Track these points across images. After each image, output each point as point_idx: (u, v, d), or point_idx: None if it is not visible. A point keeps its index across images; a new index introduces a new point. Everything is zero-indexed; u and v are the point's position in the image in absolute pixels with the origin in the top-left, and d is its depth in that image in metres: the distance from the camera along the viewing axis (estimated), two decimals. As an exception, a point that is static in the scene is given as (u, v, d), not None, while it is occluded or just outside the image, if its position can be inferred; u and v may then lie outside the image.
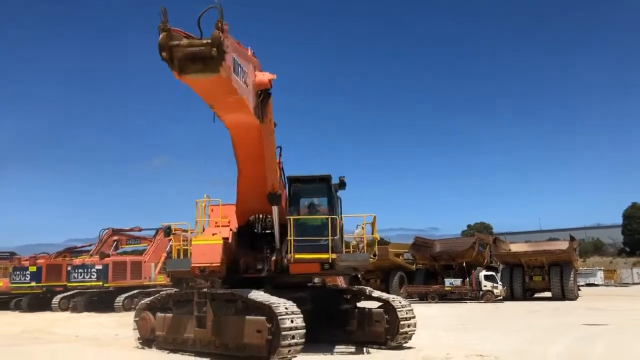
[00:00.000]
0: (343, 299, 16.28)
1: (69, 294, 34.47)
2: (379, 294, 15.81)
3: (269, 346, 12.11)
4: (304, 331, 12.24)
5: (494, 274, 37.69)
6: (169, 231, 16.00)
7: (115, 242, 39.63)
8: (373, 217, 15.01)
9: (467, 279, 37.02)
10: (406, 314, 14.58)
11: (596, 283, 62.93)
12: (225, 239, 14.82)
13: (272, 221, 14.44)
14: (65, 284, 35.22)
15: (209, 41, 8.91)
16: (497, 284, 36.50)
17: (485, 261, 40.65)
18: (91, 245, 41.09)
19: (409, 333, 14.65)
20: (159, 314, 15.26)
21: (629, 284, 64.31)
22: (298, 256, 13.86)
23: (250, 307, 12.88)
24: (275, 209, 14.00)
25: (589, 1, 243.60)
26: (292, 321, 12.11)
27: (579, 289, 41.30)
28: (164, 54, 9.06)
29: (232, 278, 14.54)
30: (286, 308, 12.30)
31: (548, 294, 37.61)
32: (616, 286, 61.46)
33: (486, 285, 36.15)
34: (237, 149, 13.46)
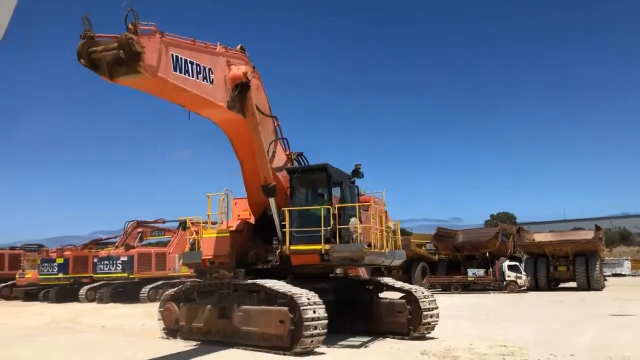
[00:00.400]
0: (365, 289, 16.29)
1: (95, 285, 35.03)
2: (401, 284, 15.80)
3: (292, 336, 12.21)
4: (326, 322, 12.30)
5: (517, 264, 37.31)
6: (185, 225, 16.48)
7: (140, 234, 40.11)
8: (382, 210, 15.11)
9: (491, 269, 36.72)
10: (429, 304, 14.54)
11: (623, 273, 62.04)
12: (237, 231, 15.07)
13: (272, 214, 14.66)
14: (91, 275, 35.78)
15: (116, 44, 9.27)
16: (520, 274, 36.16)
17: (509, 251, 40.25)
18: (116, 237, 41.67)
19: (432, 324, 14.62)
20: (183, 305, 15.46)
21: (656, 274, 63.28)
22: (293, 247, 13.98)
23: (272, 297, 12.99)
24: (272, 201, 14.30)
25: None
26: (314, 312, 12.17)
27: (605, 279, 40.75)
28: (82, 61, 9.50)
29: (248, 270, 14.64)
30: (308, 299, 12.37)
31: (573, 284, 37.19)
32: (643, 276, 60.52)
33: (510, 276, 35.83)
34: (231, 143, 14.05)
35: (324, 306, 12.49)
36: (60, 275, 36.44)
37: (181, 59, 10.78)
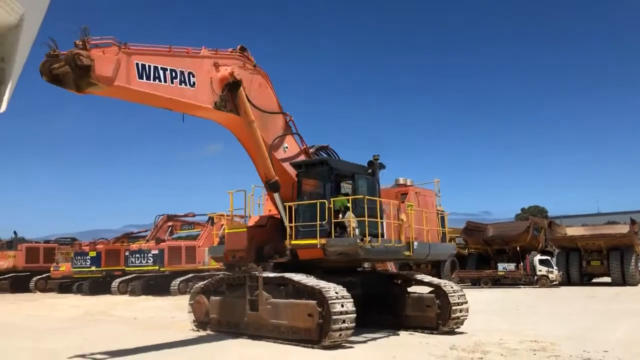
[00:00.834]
0: (393, 283, 16.24)
1: (127, 278, 35.57)
2: (429, 278, 15.69)
3: (320, 330, 12.25)
4: (354, 315, 12.31)
5: (549, 258, 36.70)
6: (212, 220, 17.43)
7: (170, 228, 40.60)
8: (398, 203, 14.97)
9: (521, 263, 36.20)
10: (458, 299, 14.42)
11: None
12: (258, 226, 15.31)
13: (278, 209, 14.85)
14: (123, 268, 36.31)
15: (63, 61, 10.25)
16: (552, 268, 35.57)
17: (540, 245, 39.60)
18: (147, 231, 42.28)
19: (461, 318, 14.50)
20: (213, 298, 15.63)
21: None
22: (294, 242, 14.18)
23: (301, 291, 13.04)
24: (276, 196, 14.53)
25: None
26: (342, 305, 12.19)
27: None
28: (44, 78, 10.45)
29: (276, 264, 14.73)
30: (336, 292, 12.39)
31: (607, 279, 36.43)
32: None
33: (541, 270, 35.27)
34: (238, 140, 14.55)
35: (352, 300, 12.51)
36: (93, 268, 37.09)
37: (149, 66, 11.63)
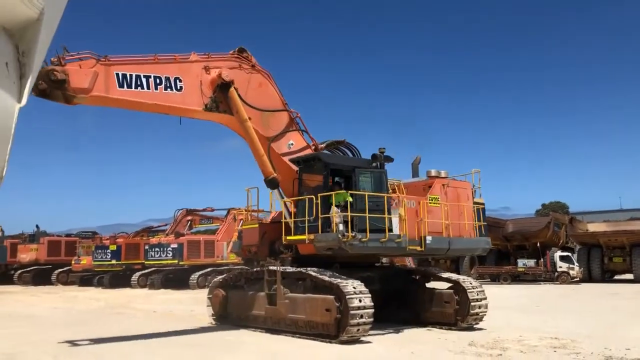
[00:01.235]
0: (412, 279, 16.17)
1: (146, 271, 35.98)
2: (448, 274, 15.61)
3: (338, 325, 12.25)
4: (372, 310, 12.28)
5: (570, 254, 36.27)
6: (234, 216, 17.85)
7: (189, 222, 40.97)
8: (394, 196, 14.69)
9: (542, 259, 35.84)
10: (477, 295, 14.31)
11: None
12: (274, 222, 15.54)
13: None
14: (143, 262, 36.74)
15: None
16: (573, 265, 35.15)
17: (561, 241, 39.14)
18: (167, 225, 42.74)
19: (480, 314, 14.39)
20: (231, 292, 15.72)
21: None
22: (289, 238, 14.38)
23: (319, 286, 13.05)
24: (276, 193, 14.90)
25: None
26: (360, 300, 12.17)
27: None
28: (32, 93, 10.58)
29: (295, 258, 14.77)
30: (354, 287, 12.37)
31: (629, 277, 35.89)
32: None
33: (562, 267, 34.88)
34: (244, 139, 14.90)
35: (370, 295, 12.48)
36: (114, 262, 37.57)
37: (130, 75, 12.52)
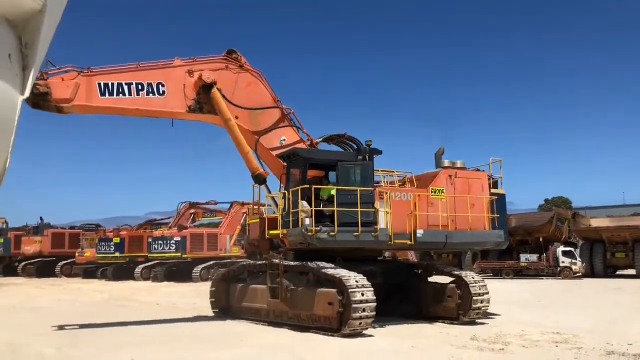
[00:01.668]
0: (414, 273, 16.18)
1: (149, 264, 36.09)
2: (450, 268, 15.63)
3: (340, 318, 12.27)
4: (374, 304, 12.30)
5: (572, 249, 36.23)
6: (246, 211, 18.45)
7: (192, 215, 41.04)
8: (383, 189, 14.60)
9: (544, 254, 35.81)
10: (479, 289, 14.31)
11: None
12: (273, 217, 15.55)
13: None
14: (146, 254, 36.82)
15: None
16: (575, 260, 35.12)
17: (564, 236, 39.08)
18: (170, 218, 42.80)
19: (482, 309, 14.39)
20: (234, 285, 15.77)
21: None
22: (271, 232, 14.81)
23: (321, 279, 13.07)
24: (263, 189, 15.31)
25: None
26: (362, 294, 12.19)
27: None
28: (28, 104, 12.27)
29: (297, 252, 14.89)
30: (356, 281, 12.39)
31: (632, 272, 35.83)
32: None
33: (564, 262, 34.85)
34: None
35: (372, 289, 12.49)
36: (117, 254, 37.69)
37: (112, 84, 13.54)
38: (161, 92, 14.10)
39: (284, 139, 15.58)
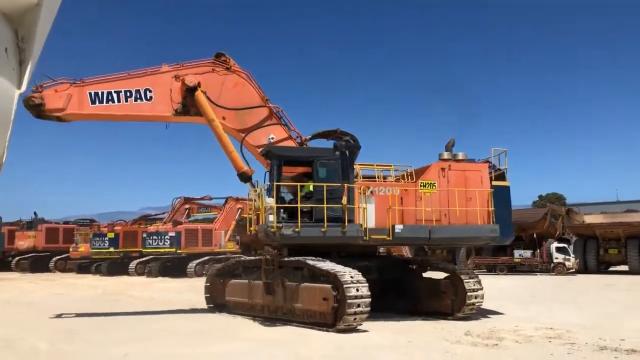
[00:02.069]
0: (409, 268, 16.22)
1: (144, 259, 35.98)
2: (445, 264, 15.66)
3: (335, 314, 12.31)
4: (369, 300, 12.34)
5: (566, 246, 36.40)
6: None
7: (187, 211, 40.93)
8: (361, 184, 14.52)
9: (538, 250, 35.96)
10: (473, 285, 14.34)
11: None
12: None
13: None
14: (140, 249, 36.73)
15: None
16: (569, 256, 35.28)
17: (557, 233, 39.26)
18: (164, 214, 42.70)
19: (476, 304, 14.43)
20: (229, 280, 15.77)
21: None
22: (250, 228, 15.31)
23: (316, 275, 13.09)
24: (248, 186, 15.54)
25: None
26: (357, 290, 12.22)
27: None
28: (33, 115, 14.05)
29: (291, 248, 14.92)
30: (351, 277, 12.41)
31: (624, 268, 36.07)
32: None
33: (557, 258, 35.01)
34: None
35: (367, 284, 12.53)
36: (111, 250, 37.62)
37: (102, 93, 14.54)
38: (149, 98, 14.91)
39: (272, 137, 15.79)
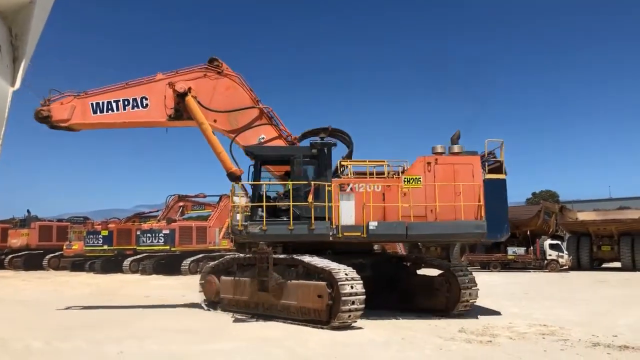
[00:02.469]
0: (403, 266, 16.26)
1: (138, 257, 35.89)
2: (439, 261, 15.70)
3: (329, 311, 12.33)
4: (363, 297, 12.36)
5: (559, 243, 36.57)
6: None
7: (181, 208, 40.86)
8: (342, 182, 14.50)
9: (531, 247, 36.12)
10: (467, 282, 14.40)
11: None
12: None
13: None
14: (134, 247, 36.62)
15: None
16: (562, 253, 35.45)
17: (551, 230, 39.43)
18: (158, 211, 42.61)
19: (470, 302, 14.49)
20: (223, 277, 15.75)
21: None
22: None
23: (311, 272, 13.11)
24: (238, 185, 15.68)
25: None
26: (352, 287, 12.25)
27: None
28: (48, 126, 15.73)
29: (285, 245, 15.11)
30: (346, 274, 12.44)
31: (617, 265, 36.28)
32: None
33: (551, 255, 35.16)
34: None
35: (361, 282, 12.55)
36: (105, 247, 37.46)
37: (103, 103, 15.77)
38: (145, 105, 15.91)
39: (263, 137, 16.13)
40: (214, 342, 11.19)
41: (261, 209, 14.24)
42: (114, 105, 15.79)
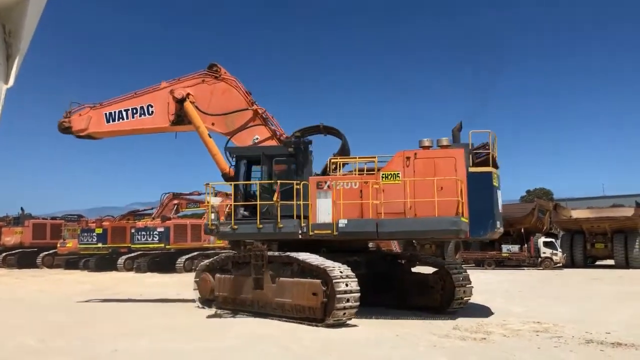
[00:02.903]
0: (397, 263, 16.29)
1: (133, 255, 35.86)
2: (434, 259, 15.73)
3: (324, 308, 12.34)
4: (358, 295, 12.38)
5: (553, 240, 36.71)
6: None
7: (176, 206, 40.76)
8: (322, 179, 14.43)
9: (526, 245, 36.25)
10: (462, 280, 14.45)
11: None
12: None
13: None
14: (129, 245, 36.53)
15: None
16: (556, 250, 35.60)
17: (545, 227, 39.56)
18: (153, 209, 42.51)
19: (465, 299, 14.55)
20: (218, 275, 15.74)
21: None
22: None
23: (305, 270, 13.11)
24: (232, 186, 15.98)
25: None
26: (346, 285, 12.26)
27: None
28: (74, 136, 17.62)
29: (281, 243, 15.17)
30: (341, 272, 12.45)
31: (610, 262, 36.47)
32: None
33: (545, 252, 35.32)
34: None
35: (356, 279, 12.57)
36: (100, 245, 37.36)
37: (114, 112, 17.19)
38: (150, 113, 17.06)
39: (257, 138, 16.42)
40: (208, 340, 11.18)
41: (243, 208, 14.91)
42: (124, 114, 17.14)
